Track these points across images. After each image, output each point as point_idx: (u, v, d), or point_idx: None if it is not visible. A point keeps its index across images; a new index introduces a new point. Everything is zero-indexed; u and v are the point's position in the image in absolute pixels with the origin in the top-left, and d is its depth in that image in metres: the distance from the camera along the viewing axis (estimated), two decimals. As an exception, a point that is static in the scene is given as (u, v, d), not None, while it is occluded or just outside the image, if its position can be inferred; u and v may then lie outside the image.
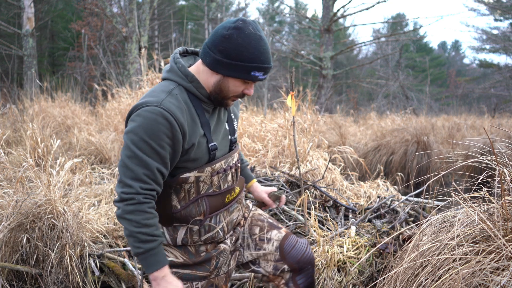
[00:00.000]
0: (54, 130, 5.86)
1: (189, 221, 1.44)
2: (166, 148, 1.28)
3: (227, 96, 1.39)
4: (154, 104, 1.27)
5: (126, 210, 1.27)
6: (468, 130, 9.01)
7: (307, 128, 4.35)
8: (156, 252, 1.31)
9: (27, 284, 2.52)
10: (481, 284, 1.44)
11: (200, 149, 1.38)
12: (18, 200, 2.54)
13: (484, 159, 1.79)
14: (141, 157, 1.26)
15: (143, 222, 1.28)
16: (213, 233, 1.48)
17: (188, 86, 1.37)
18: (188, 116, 1.34)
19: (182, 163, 1.38)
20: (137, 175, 1.27)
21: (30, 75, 10.45)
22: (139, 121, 1.26)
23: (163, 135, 1.26)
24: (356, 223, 2.79)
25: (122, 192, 1.27)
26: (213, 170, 1.43)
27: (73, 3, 18.92)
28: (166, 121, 1.26)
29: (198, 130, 1.37)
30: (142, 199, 1.27)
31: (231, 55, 1.30)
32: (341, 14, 13.23)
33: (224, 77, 1.35)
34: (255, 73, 1.32)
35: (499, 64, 23.51)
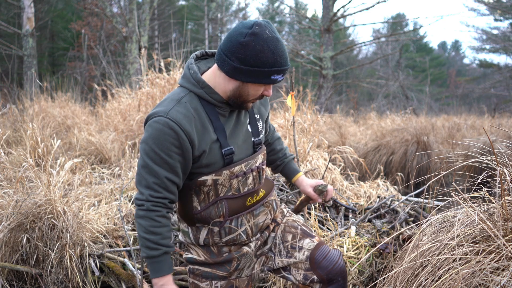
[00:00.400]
0: (54, 130, 5.86)
1: (210, 222, 1.47)
2: (175, 157, 1.32)
3: (247, 100, 1.40)
4: (162, 114, 1.31)
5: (137, 214, 1.36)
6: (468, 130, 9.01)
7: (307, 128, 4.35)
8: (159, 261, 1.36)
9: (27, 284, 2.52)
10: (481, 284, 1.44)
11: (212, 154, 1.39)
12: (18, 200, 2.54)
13: (484, 159, 1.79)
14: (151, 167, 1.32)
15: (150, 229, 1.34)
16: (234, 235, 1.49)
17: (200, 92, 1.38)
18: (198, 123, 1.36)
19: (197, 169, 1.41)
20: (148, 183, 1.34)
21: (30, 75, 10.46)
22: (149, 131, 1.32)
23: (171, 145, 1.31)
24: (356, 223, 2.79)
25: (136, 198, 1.36)
26: (231, 173, 1.44)
27: (73, 3, 18.93)
28: (172, 131, 1.30)
29: (210, 136, 1.38)
30: (151, 207, 1.34)
31: (250, 62, 1.29)
32: (341, 14, 13.23)
33: (244, 83, 1.35)
34: (274, 77, 1.33)
35: (499, 64, 23.52)
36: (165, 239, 1.37)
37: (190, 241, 1.52)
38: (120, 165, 4.48)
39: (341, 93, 22.28)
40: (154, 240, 1.34)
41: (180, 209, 1.52)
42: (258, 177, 1.54)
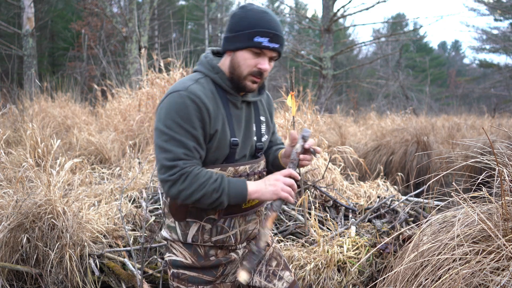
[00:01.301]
0: (54, 130, 5.86)
1: (203, 217, 1.43)
2: (198, 129, 1.31)
3: (241, 74, 1.37)
4: (181, 89, 1.32)
5: (184, 187, 1.29)
6: (468, 130, 9.01)
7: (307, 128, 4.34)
8: (233, 183, 1.33)
9: (27, 284, 2.52)
10: (481, 284, 1.44)
11: (223, 138, 1.38)
12: (18, 200, 2.54)
13: (484, 159, 1.79)
14: (179, 139, 1.29)
15: (204, 179, 1.29)
16: (224, 236, 1.46)
17: (214, 77, 1.40)
18: (213, 102, 1.36)
19: (206, 150, 1.39)
20: (177, 155, 1.29)
21: (30, 75, 10.46)
22: (170, 107, 1.31)
23: (194, 117, 1.30)
24: (356, 223, 2.79)
25: (169, 175, 1.28)
26: (236, 171, 1.42)
27: (73, 3, 18.93)
28: (194, 103, 1.30)
29: (222, 119, 1.38)
30: (189, 169, 1.29)
31: (234, 28, 1.34)
32: (341, 14, 13.23)
33: (234, 53, 1.36)
34: (258, 39, 1.32)
35: (499, 64, 23.52)
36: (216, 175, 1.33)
37: (177, 237, 1.46)
38: (120, 165, 4.48)
39: (341, 93, 22.28)
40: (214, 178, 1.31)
41: (172, 201, 1.45)
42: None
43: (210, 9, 21.55)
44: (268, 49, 1.34)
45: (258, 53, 1.35)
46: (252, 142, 1.49)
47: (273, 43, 1.34)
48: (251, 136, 1.49)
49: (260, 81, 1.41)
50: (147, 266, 2.59)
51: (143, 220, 2.95)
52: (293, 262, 2.33)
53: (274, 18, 1.35)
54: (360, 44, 15.34)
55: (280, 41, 1.36)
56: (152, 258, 2.65)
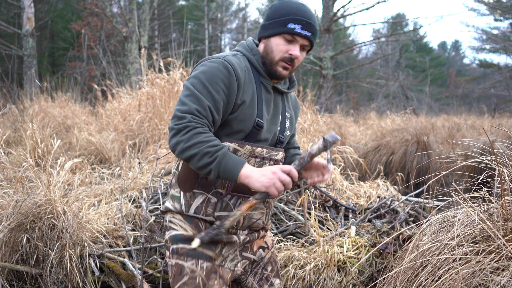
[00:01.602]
0: (54, 130, 5.86)
1: (211, 190, 1.41)
2: (221, 93, 1.34)
3: (273, 59, 1.42)
4: (218, 57, 1.38)
5: (184, 139, 1.28)
6: (468, 130, 9.02)
7: (307, 128, 4.35)
8: (230, 156, 1.29)
9: (27, 284, 2.52)
10: (481, 284, 1.44)
11: (249, 113, 1.39)
12: (18, 200, 2.54)
13: (484, 159, 1.79)
14: (197, 95, 1.32)
15: (205, 140, 1.27)
16: (227, 213, 1.43)
17: (251, 57, 1.45)
18: (247, 76, 1.40)
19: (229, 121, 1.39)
20: (190, 108, 1.30)
21: (30, 75, 10.46)
22: (202, 69, 1.36)
23: (220, 81, 1.33)
24: (356, 223, 2.79)
25: (175, 125, 1.29)
26: (252, 151, 1.41)
27: (73, 3, 18.93)
28: (226, 70, 1.34)
29: (252, 93, 1.41)
30: (196, 125, 1.29)
31: (270, 17, 1.43)
32: (341, 14, 13.23)
33: (268, 39, 1.43)
34: (291, 25, 1.37)
35: (499, 64, 23.53)
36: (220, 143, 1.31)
37: (179, 207, 1.44)
38: (120, 165, 4.48)
39: (341, 93, 22.28)
40: (214, 144, 1.28)
41: (183, 170, 1.44)
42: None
43: (210, 9, 21.54)
44: (300, 36, 1.39)
45: (291, 40, 1.40)
46: (276, 130, 1.51)
47: (305, 31, 1.38)
48: (276, 123, 1.51)
49: (292, 68, 1.44)
50: (147, 266, 2.59)
51: (143, 220, 2.95)
52: (293, 262, 2.33)
53: (309, 9, 1.41)
54: (360, 44, 15.35)
55: (313, 30, 1.41)
56: (152, 258, 2.65)
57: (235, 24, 29.45)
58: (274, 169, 1.29)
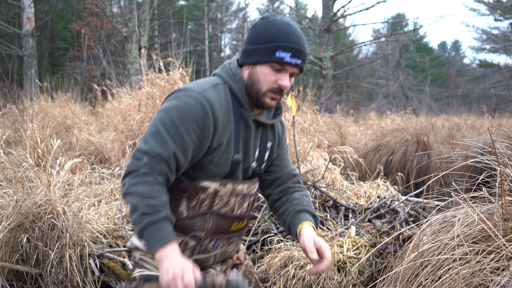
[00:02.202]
0: (54, 130, 5.86)
1: (189, 233, 1.32)
2: (192, 136, 1.20)
3: (260, 90, 1.27)
4: (196, 90, 1.22)
5: (130, 183, 1.16)
6: (468, 130, 9.02)
7: (307, 128, 4.35)
8: (161, 226, 1.14)
9: (27, 284, 2.52)
10: (481, 284, 1.44)
11: (226, 154, 1.29)
12: (18, 200, 2.54)
13: (484, 159, 1.79)
14: (163, 136, 1.18)
15: (147, 194, 1.14)
16: (205, 256, 1.36)
17: (233, 86, 1.30)
18: (226, 113, 1.27)
19: (204, 164, 1.28)
20: (150, 150, 1.17)
21: (30, 75, 10.46)
22: (175, 102, 1.21)
23: (194, 122, 1.19)
24: (356, 223, 2.79)
25: (129, 165, 1.19)
26: (233, 189, 1.33)
27: (73, 3, 18.93)
28: (202, 109, 1.20)
29: (230, 133, 1.28)
30: (148, 172, 1.16)
31: (254, 41, 1.26)
32: (341, 14, 13.23)
33: (253, 66, 1.28)
34: (280, 54, 1.22)
35: (499, 64, 23.53)
36: (165, 205, 1.16)
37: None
38: (120, 165, 4.48)
39: (341, 93, 22.28)
40: (152, 204, 1.13)
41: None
42: (252, 204, 1.44)
43: (210, 9, 21.55)
44: (290, 65, 1.25)
45: (279, 69, 1.26)
46: (253, 163, 1.39)
47: (295, 59, 1.24)
48: (253, 157, 1.39)
49: (279, 98, 1.31)
50: (147, 266, 2.59)
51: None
52: (293, 262, 2.33)
53: (298, 32, 1.27)
54: (360, 44, 15.35)
55: (303, 57, 1.27)
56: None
57: (235, 24, 29.46)
58: (186, 268, 1.10)
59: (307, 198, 1.49)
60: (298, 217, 1.41)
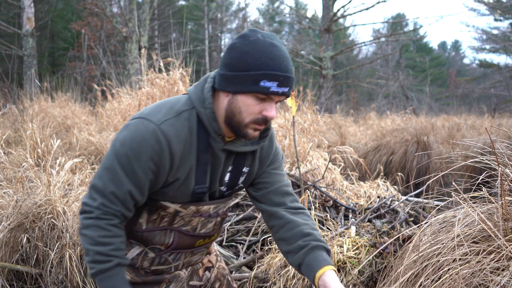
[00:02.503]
0: (54, 130, 5.86)
1: (148, 245, 1.28)
2: (148, 174, 1.12)
3: (242, 121, 1.13)
4: (154, 121, 1.11)
5: (83, 224, 1.12)
6: (468, 130, 9.02)
7: (307, 128, 4.35)
8: (111, 275, 1.12)
9: (27, 284, 2.52)
10: (481, 284, 1.44)
11: (185, 187, 1.19)
12: (18, 200, 2.54)
13: (484, 159, 1.79)
14: (118, 174, 1.11)
15: (99, 240, 1.11)
16: (165, 267, 1.32)
17: (201, 112, 1.16)
18: (187, 146, 1.15)
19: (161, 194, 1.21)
20: (105, 191, 1.11)
21: (30, 75, 10.46)
22: (131, 133, 1.11)
23: (149, 159, 1.10)
24: (356, 223, 2.79)
25: (84, 203, 1.14)
26: (197, 210, 1.25)
27: (73, 3, 18.93)
28: (158, 145, 1.10)
29: (190, 166, 1.18)
30: (101, 215, 1.11)
31: (234, 66, 1.09)
32: (341, 14, 13.23)
33: (233, 95, 1.12)
34: (265, 83, 1.07)
35: (499, 64, 23.54)
36: (118, 250, 1.14)
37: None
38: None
39: (341, 93, 22.28)
40: (104, 252, 1.11)
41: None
42: (220, 223, 1.36)
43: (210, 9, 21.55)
44: (277, 94, 1.10)
45: (264, 98, 1.11)
46: (217, 189, 1.28)
47: (282, 88, 1.10)
48: (216, 183, 1.27)
49: (264, 128, 1.18)
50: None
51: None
52: (293, 262, 2.33)
53: (283, 54, 1.11)
54: (360, 44, 15.35)
55: (291, 84, 1.12)
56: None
57: (235, 24, 29.46)
58: None
59: (313, 224, 1.33)
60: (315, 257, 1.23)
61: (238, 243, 2.74)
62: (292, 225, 1.29)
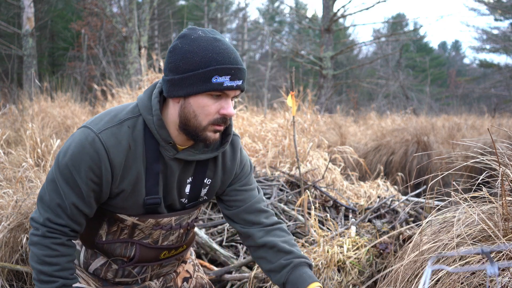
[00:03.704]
0: (54, 130, 5.86)
1: (111, 257, 1.23)
2: (90, 185, 1.07)
3: (199, 125, 1.08)
4: (94, 130, 1.06)
5: (31, 240, 1.10)
6: (468, 130, 9.02)
7: (307, 128, 4.35)
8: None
9: (27, 284, 2.52)
10: (481, 284, 1.43)
11: (133, 198, 1.13)
12: (18, 200, 2.54)
13: (484, 160, 1.79)
14: (60, 185, 1.07)
15: (43, 259, 1.08)
16: (130, 279, 1.27)
17: (148, 120, 1.10)
18: (130, 157, 1.09)
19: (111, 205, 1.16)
20: (50, 204, 1.08)
21: (30, 75, 10.46)
22: (73, 143, 1.07)
23: (89, 170, 1.06)
24: (356, 223, 2.79)
25: (31, 219, 1.11)
26: (157, 223, 1.19)
27: (73, 3, 18.94)
28: (96, 154, 1.05)
29: (137, 177, 1.11)
30: (47, 233, 1.07)
31: (181, 68, 1.04)
32: (341, 14, 13.23)
33: (185, 99, 1.06)
34: (217, 79, 1.02)
35: (499, 64, 23.53)
36: (63, 271, 1.09)
37: (78, 263, 1.26)
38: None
39: (341, 93, 22.29)
40: (48, 272, 1.07)
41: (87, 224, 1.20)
42: (185, 235, 1.29)
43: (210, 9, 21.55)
44: (232, 89, 1.05)
45: (219, 95, 1.06)
46: (175, 201, 1.21)
47: (236, 81, 1.05)
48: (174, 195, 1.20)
49: (224, 128, 1.12)
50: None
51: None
52: (293, 262, 2.33)
53: (229, 47, 1.06)
54: (360, 44, 15.35)
55: (243, 76, 1.07)
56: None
57: (235, 24, 29.46)
58: None
59: (291, 240, 1.29)
60: (299, 275, 1.20)
61: (238, 243, 2.74)
62: (271, 245, 1.25)
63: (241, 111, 5.36)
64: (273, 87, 17.65)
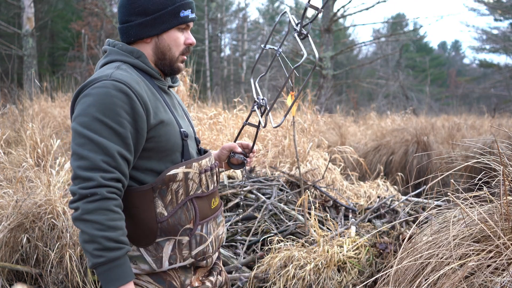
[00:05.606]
0: (54, 130, 5.86)
1: (178, 231, 1.19)
2: (126, 126, 1.07)
3: (174, 56, 1.24)
4: (103, 78, 1.08)
5: (86, 209, 1.01)
6: (468, 130, 9.01)
7: (307, 128, 4.35)
8: (122, 263, 1.04)
9: (27, 284, 2.52)
10: (481, 284, 1.43)
11: (172, 129, 1.18)
12: (18, 200, 2.54)
13: (484, 160, 1.79)
14: (97, 140, 1.03)
15: (108, 224, 1.02)
16: (204, 246, 1.25)
17: (135, 62, 1.19)
18: (147, 88, 1.16)
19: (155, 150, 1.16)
20: (95, 163, 1.03)
21: (30, 75, 10.45)
22: (89, 100, 1.05)
23: (121, 109, 1.05)
24: (356, 223, 2.79)
25: (80, 188, 1.02)
26: (200, 166, 1.24)
27: (73, 3, 18.94)
28: (121, 92, 1.06)
29: (163, 107, 1.19)
30: (107, 194, 1.03)
31: (150, 9, 1.18)
32: (341, 14, 13.23)
33: (158, 36, 1.21)
34: (184, 13, 1.20)
35: (499, 64, 23.54)
36: (125, 235, 1.07)
37: (148, 267, 1.19)
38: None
39: (341, 93, 22.28)
40: (115, 238, 1.02)
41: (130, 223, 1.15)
42: (218, 175, 1.39)
43: (210, 9, 21.55)
44: (193, 20, 1.24)
45: (184, 28, 1.23)
46: (194, 132, 1.34)
47: (194, 13, 1.24)
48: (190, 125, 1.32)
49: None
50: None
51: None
52: (293, 262, 2.33)
53: None
54: (360, 44, 15.35)
55: (195, 8, 1.27)
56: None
57: (235, 24, 29.46)
58: None
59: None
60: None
61: (238, 243, 2.74)
62: None
63: (241, 111, 5.36)
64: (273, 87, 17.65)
